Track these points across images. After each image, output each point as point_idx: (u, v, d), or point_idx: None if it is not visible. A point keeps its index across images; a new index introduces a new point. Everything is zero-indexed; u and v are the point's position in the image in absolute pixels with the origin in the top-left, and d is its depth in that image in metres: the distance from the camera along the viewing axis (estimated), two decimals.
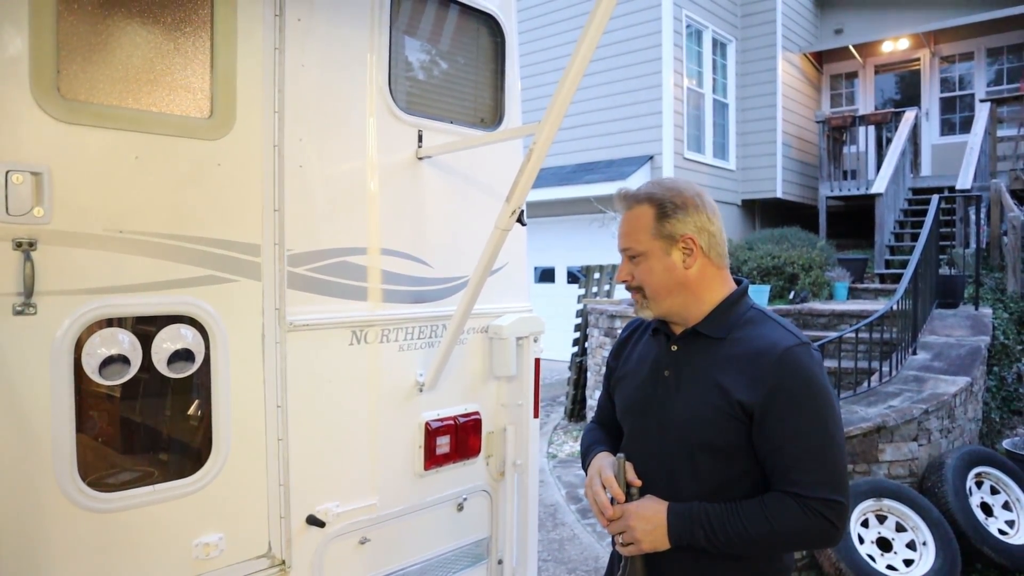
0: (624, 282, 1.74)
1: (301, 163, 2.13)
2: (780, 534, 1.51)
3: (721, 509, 1.55)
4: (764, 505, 1.53)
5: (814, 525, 1.49)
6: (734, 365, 1.59)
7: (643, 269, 1.68)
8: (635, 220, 1.68)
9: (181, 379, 1.92)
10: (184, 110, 1.92)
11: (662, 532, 1.56)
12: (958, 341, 6.34)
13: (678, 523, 1.56)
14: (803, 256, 8.81)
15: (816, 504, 1.49)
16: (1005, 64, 12.06)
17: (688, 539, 1.55)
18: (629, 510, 1.61)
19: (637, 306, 1.73)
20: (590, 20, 1.67)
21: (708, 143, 11.57)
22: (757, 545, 1.53)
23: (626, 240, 1.70)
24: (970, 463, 4.81)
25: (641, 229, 1.67)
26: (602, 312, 8.05)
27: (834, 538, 1.53)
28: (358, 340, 2.26)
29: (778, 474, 1.54)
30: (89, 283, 1.74)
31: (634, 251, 1.68)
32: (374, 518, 2.32)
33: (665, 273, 1.66)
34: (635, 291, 1.72)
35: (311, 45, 2.15)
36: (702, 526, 1.54)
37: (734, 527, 1.52)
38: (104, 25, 1.79)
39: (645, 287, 1.68)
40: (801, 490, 1.50)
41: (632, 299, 1.75)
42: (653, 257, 1.66)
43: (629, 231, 1.69)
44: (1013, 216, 7.85)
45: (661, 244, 1.65)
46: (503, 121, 2.71)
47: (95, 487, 1.78)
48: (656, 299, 1.68)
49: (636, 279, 1.69)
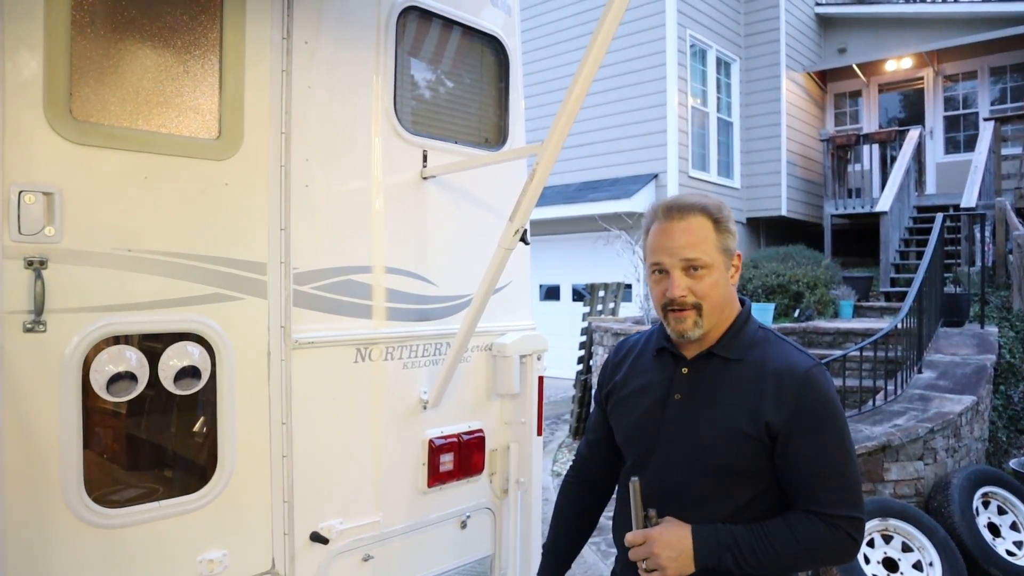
0: (681, 298, 1.58)
1: (307, 183, 2.16)
2: (807, 551, 1.52)
3: (747, 531, 1.53)
4: (790, 525, 1.53)
5: (839, 542, 1.52)
6: (755, 387, 1.57)
7: (708, 284, 1.58)
8: (697, 231, 1.58)
9: (187, 396, 1.94)
10: (193, 131, 1.96)
11: (688, 558, 1.51)
12: (964, 360, 6.32)
13: (704, 547, 1.52)
14: (808, 274, 8.81)
15: (841, 522, 1.51)
16: (1008, 83, 12.10)
17: (715, 562, 1.51)
18: (652, 536, 1.54)
19: (683, 325, 1.59)
20: (591, 44, 1.70)
21: (713, 161, 11.61)
22: (784, 564, 1.52)
23: (692, 250, 1.57)
24: (977, 483, 4.78)
25: (707, 240, 1.58)
26: (607, 330, 8.05)
27: (854, 553, 1.56)
28: (363, 358, 2.28)
29: (803, 493, 1.55)
30: (98, 301, 1.77)
31: (702, 263, 1.57)
32: (378, 535, 2.33)
33: (725, 289, 1.61)
34: (688, 308, 1.58)
35: (318, 67, 2.19)
36: (730, 549, 1.51)
37: (763, 548, 1.50)
38: (116, 48, 1.83)
39: (705, 303, 1.58)
40: (826, 508, 1.51)
41: (675, 318, 1.60)
42: (717, 271, 1.59)
43: (693, 242, 1.57)
44: (1019, 235, 7.85)
45: (723, 259, 1.60)
46: (507, 141, 2.74)
47: (101, 503, 1.80)
48: (710, 316, 1.60)
49: (694, 295, 1.58)
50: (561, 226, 11.67)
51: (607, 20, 1.66)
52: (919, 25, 12.32)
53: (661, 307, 1.63)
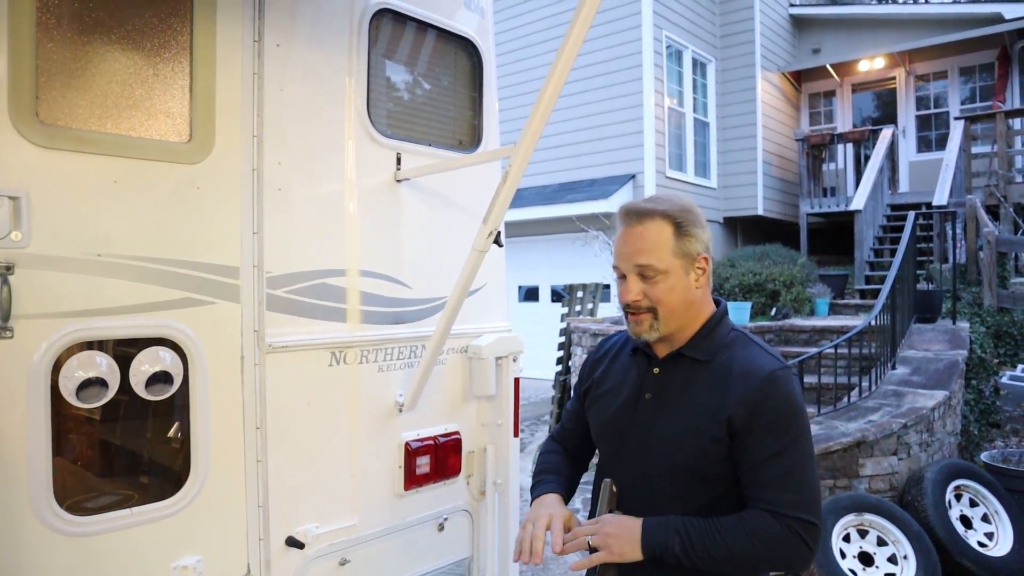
0: (634, 303, 1.62)
1: (280, 186, 2.15)
2: (757, 548, 1.51)
3: (699, 521, 1.54)
4: (742, 519, 1.54)
5: (790, 542, 1.51)
6: (720, 388, 1.59)
7: (662, 289, 1.60)
8: (652, 236, 1.60)
9: (159, 401, 1.93)
10: (163, 135, 1.95)
11: (634, 538, 1.54)
12: (936, 355, 6.41)
13: (652, 531, 1.54)
14: (784, 273, 8.90)
15: (792, 522, 1.51)
16: (978, 82, 12.31)
17: (662, 548, 1.52)
18: (604, 518, 1.60)
19: (640, 327, 1.63)
20: (562, 47, 1.70)
21: (690, 162, 11.69)
22: (733, 558, 1.52)
23: (644, 256, 1.59)
24: (949, 476, 4.85)
25: (661, 246, 1.59)
26: (585, 330, 8.08)
27: (808, 560, 1.54)
28: (337, 361, 2.27)
29: (757, 491, 1.55)
30: (67, 306, 1.75)
31: (654, 269, 1.59)
32: (354, 539, 2.32)
33: (683, 293, 1.61)
34: (642, 312, 1.62)
35: (290, 70, 2.18)
36: (678, 532, 1.52)
37: (711, 536, 1.51)
38: (83, 51, 1.81)
39: (660, 307, 1.61)
40: (779, 508, 1.52)
41: (632, 320, 1.64)
42: (673, 276, 1.60)
43: (646, 247, 1.59)
44: (988, 231, 7.98)
45: (681, 263, 1.60)
46: (481, 143, 2.75)
47: (72, 511, 1.78)
48: (667, 320, 1.62)
49: (648, 299, 1.61)
50: (540, 227, 11.69)
51: (578, 23, 1.66)
52: (891, 26, 12.51)
53: (622, 309, 1.68)
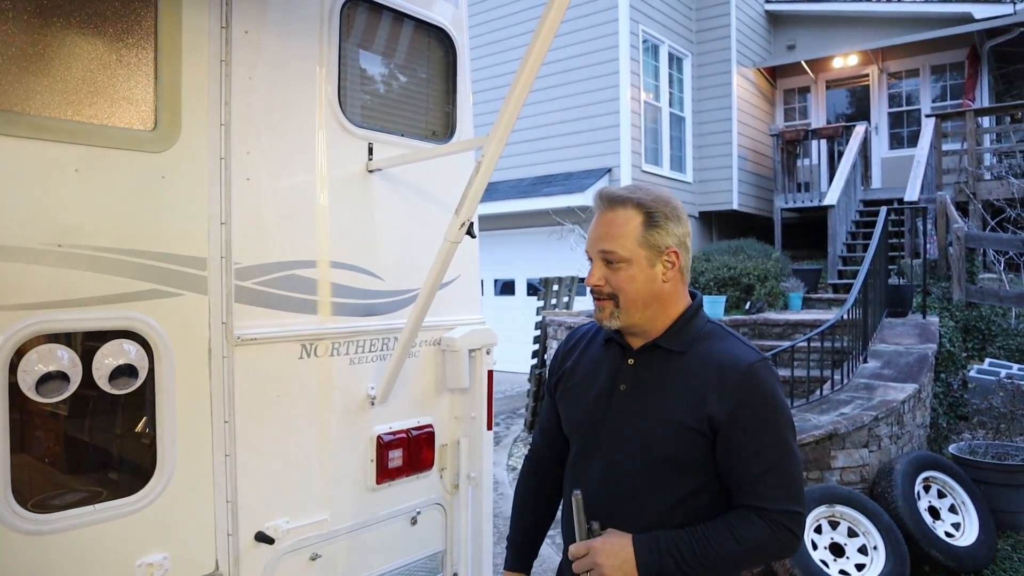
0: (595, 287, 1.62)
1: (248, 176, 2.11)
2: (748, 551, 1.53)
3: (687, 535, 1.53)
4: (730, 525, 1.54)
5: (779, 538, 1.53)
6: (698, 380, 1.58)
7: (623, 277, 1.59)
8: (621, 224, 1.59)
9: (124, 395, 1.88)
10: (127, 122, 1.90)
11: (631, 565, 1.52)
12: (907, 349, 6.50)
13: (646, 555, 1.52)
14: (759, 267, 8.97)
15: (780, 517, 1.53)
16: (948, 81, 12.48)
17: (657, 570, 1.51)
18: (595, 547, 1.55)
19: (602, 314, 1.64)
20: (535, 37, 1.69)
21: (665, 156, 11.73)
22: (726, 565, 1.53)
23: (608, 242, 1.59)
24: (918, 468, 4.93)
25: (628, 235, 1.58)
26: (561, 324, 8.08)
27: (796, 547, 1.57)
28: (308, 354, 2.24)
29: (744, 488, 1.56)
30: (25, 298, 1.70)
31: (616, 256, 1.58)
32: (325, 534, 2.29)
33: (646, 284, 1.60)
34: (605, 298, 1.62)
35: (259, 58, 2.14)
36: (671, 554, 1.51)
37: (704, 550, 1.51)
38: (41, 35, 1.76)
39: (620, 295, 1.60)
40: (766, 503, 1.53)
41: (597, 306, 1.65)
42: (636, 266, 1.59)
43: (612, 234, 1.59)
44: (957, 227, 8.10)
45: (646, 254, 1.59)
46: (455, 134, 2.72)
47: (33, 508, 1.73)
48: (629, 310, 1.61)
49: (610, 285, 1.60)
50: (516, 221, 11.68)
51: (551, 12, 1.65)
52: (865, 23, 12.63)
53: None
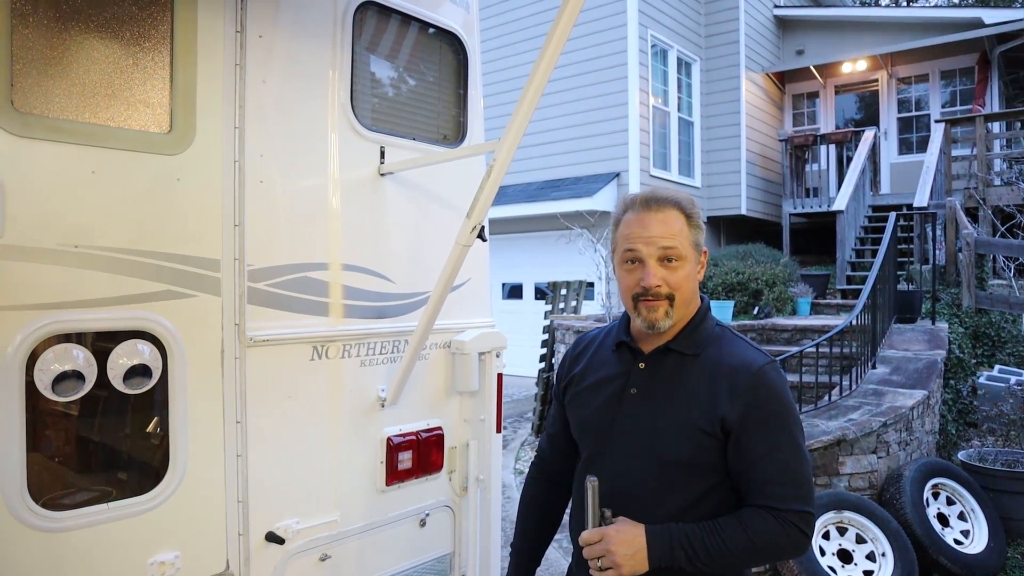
0: (655, 288, 1.58)
1: (262, 179, 2.13)
2: (759, 547, 1.54)
3: (700, 529, 1.54)
4: (742, 521, 1.55)
5: (790, 536, 1.54)
6: (710, 382, 1.59)
7: (682, 275, 1.60)
8: (672, 222, 1.60)
9: (138, 395, 1.90)
10: (143, 125, 1.92)
11: (643, 556, 1.53)
12: (916, 355, 6.47)
13: (658, 546, 1.53)
14: (767, 272, 8.95)
15: (791, 516, 1.54)
16: (958, 86, 12.44)
17: (668, 561, 1.53)
18: (607, 534, 1.55)
19: (654, 314, 1.60)
20: (547, 41, 1.70)
21: (674, 161, 11.73)
22: (736, 561, 1.54)
23: (669, 240, 1.58)
24: (927, 475, 4.90)
25: (680, 233, 1.60)
26: (568, 328, 8.08)
27: (805, 547, 1.58)
28: (319, 355, 2.26)
29: (754, 488, 1.57)
30: (43, 298, 1.72)
31: (677, 253, 1.59)
32: (335, 535, 2.30)
33: (692, 282, 1.63)
34: (662, 299, 1.59)
35: (273, 62, 2.16)
36: (683, 547, 1.52)
37: (715, 545, 1.52)
38: (61, 39, 1.78)
39: (678, 294, 1.60)
40: (777, 503, 1.54)
41: (648, 307, 1.60)
42: (689, 264, 1.61)
43: (671, 232, 1.59)
44: (967, 233, 8.07)
45: (694, 253, 1.63)
46: (466, 138, 2.73)
47: (47, 506, 1.75)
48: (679, 308, 1.62)
49: (668, 285, 1.59)
50: (524, 225, 11.69)
51: (563, 18, 1.66)
52: (874, 28, 12.61)
53: (632, 297, 1.62)
